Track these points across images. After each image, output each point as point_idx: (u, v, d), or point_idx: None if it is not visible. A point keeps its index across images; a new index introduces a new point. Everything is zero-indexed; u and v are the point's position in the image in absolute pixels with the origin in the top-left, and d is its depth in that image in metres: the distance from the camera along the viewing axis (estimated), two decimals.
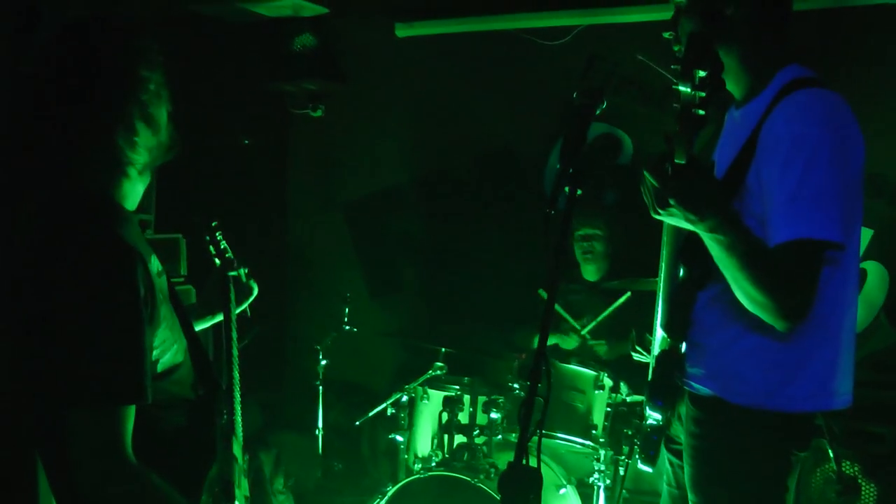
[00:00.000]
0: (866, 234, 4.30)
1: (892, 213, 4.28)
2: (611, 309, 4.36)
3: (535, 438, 1.85)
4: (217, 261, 2.72)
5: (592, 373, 3.88)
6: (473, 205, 5.40)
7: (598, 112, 2.13)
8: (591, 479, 3.91)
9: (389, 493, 3.68)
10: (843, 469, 3.64)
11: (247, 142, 5.53)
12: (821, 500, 3.72)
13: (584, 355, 4.35)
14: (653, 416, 2.21)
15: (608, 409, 3.87)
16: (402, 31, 5.35)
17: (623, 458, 3.79)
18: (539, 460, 1.94)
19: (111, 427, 1.67)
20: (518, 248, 5.10)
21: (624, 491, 3.89)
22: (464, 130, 5.35)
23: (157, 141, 1.83)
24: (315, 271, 5.93)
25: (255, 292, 2.73)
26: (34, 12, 4.16)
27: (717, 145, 2.36)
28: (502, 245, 5.25)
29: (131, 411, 1.70)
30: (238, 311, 2.67)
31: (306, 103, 5.63)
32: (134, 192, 1.88)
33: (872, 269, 4.31)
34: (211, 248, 2.74)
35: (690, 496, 2.21)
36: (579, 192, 2.01)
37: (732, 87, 2.25)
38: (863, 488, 3.62)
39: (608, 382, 3.88)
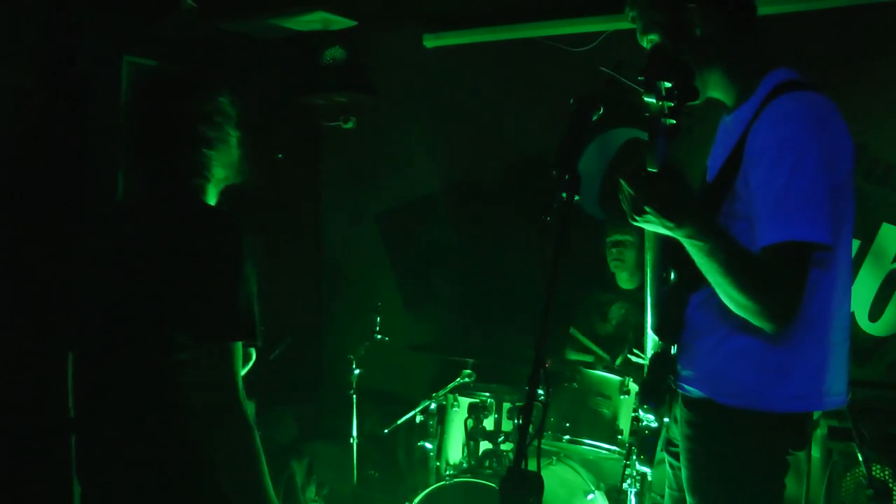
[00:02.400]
0: None
1: None
2: None
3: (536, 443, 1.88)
4: None
5: (618, 378, 3.87)
6: (505, 213, 5.41)
7: (594, 118, 2.16)
8: (624, 485, 3.89)
9: (416, 501, 3.71)
10: (874, 473, 3.59)
11: (280, 156, 5.61)
12: None
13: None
14: (646, 418, 2.22)
15: (634, 414, 3.85)
16: (430, 42, 5.40)
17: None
18: (539, 465, 1.97)
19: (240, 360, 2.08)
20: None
21: (655, 495, 3.87)
22: (494, 139, 5.37)
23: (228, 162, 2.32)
24: (349, 283, 5.99)
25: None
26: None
27: (711, 151, 2.36)
28: (534, 253, 5.23)
29: None
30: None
31: (337, 116, 5.69)
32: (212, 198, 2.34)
33: None
34: None
35: (688, 498, 2.21)
36: (576, 197, 2.05)
37: (722, 96, 2.26)
38: (894, 492, 3.57)
39: (634, 387, 3.86)
